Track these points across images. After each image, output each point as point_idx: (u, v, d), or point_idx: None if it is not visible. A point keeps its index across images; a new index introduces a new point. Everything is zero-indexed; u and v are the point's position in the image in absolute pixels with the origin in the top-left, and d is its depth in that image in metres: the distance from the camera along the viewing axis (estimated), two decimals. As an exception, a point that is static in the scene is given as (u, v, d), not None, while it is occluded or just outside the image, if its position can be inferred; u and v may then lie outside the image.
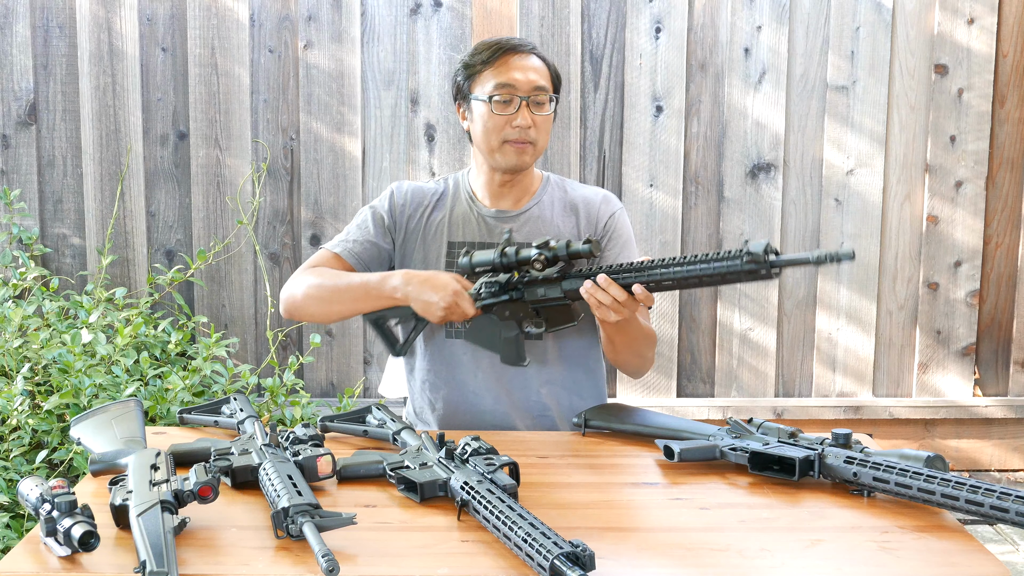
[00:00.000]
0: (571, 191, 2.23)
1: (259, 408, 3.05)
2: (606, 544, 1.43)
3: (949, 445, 3.71)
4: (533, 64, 2.11)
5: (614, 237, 2.18)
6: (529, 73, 2.09)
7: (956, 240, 3.62)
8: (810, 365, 3.66)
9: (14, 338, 2.94)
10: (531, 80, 2.09)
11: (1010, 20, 3.55)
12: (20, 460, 2.72)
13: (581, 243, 1.89)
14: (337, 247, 2.18)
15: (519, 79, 2.08)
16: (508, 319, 2.01)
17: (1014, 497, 1.42)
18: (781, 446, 1.70)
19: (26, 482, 1.47)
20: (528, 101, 2.08)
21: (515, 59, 2.10)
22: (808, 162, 3.57)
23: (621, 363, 2.14)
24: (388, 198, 2.22)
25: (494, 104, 2.08)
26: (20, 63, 3.48)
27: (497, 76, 2.09)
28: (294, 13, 3.48)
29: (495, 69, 2.09)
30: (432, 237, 2.18)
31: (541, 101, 2.10)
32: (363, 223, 2.21)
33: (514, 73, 2.09)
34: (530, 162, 2.13)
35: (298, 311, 2.14)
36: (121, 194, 3.51)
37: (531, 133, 2.09)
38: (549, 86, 2.12)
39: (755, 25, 3.51)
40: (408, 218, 2.20)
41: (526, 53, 2.12)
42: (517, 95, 2.08)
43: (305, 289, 2.12)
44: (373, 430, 1.90)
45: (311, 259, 2.19)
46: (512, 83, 2.08)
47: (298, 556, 1.39)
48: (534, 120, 2.09)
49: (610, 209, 2.21)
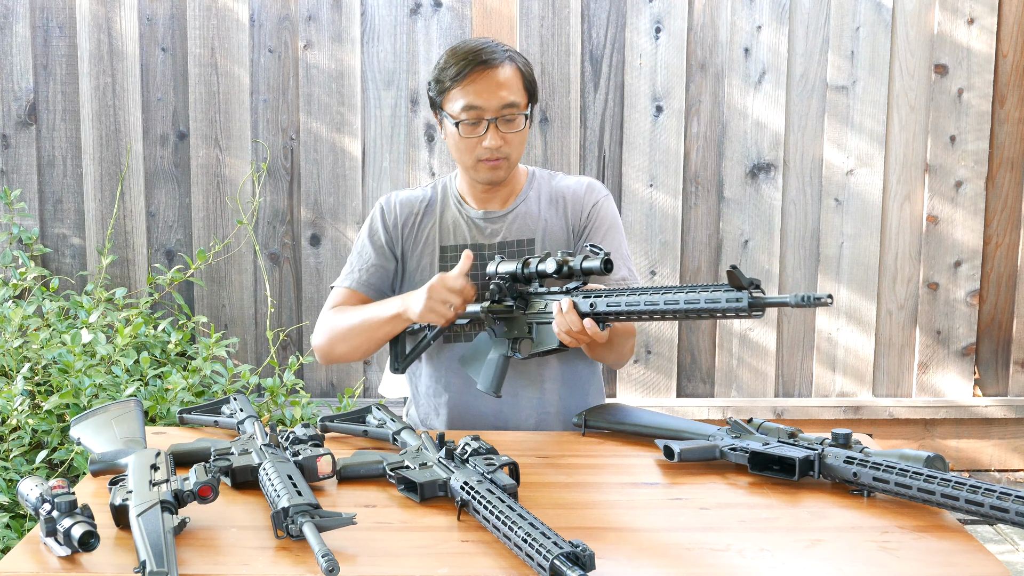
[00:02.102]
0: (556, 183, 2.23)
1: (259, 408, 3.05)
2: (606, 544, 1.43)
3: (949, 445, 3.71)
4: (502, 78, 2.04)
5: (598, 225, 2.18)
6: (498, 92, 2.04)
7: (956, 240, 3.62)
8: (810, 365, 3.66)
9: (14, 338, 2.94)
10: (500, 98, 2.04)
11: (1010, 20, 3.55)
12: (20, 460, 2.72)
13: (599, 261, 1.84)
14: (346, 281, 2.21)
15: (485, 102, 2.03)
16: (504, 335, 2.01)
17: (1014, 497, 1.42)
18: (781, 446, 1.70)
19: (26, 482, 1.47)
20: (496, 122, 2.04)
21: (483, 76, 2.04)
22: (808, 162, 3.57)
23: (597, 357, 2.15)
24: (379, 216, 2.23)
25: (462, 127, 2.06)
26: (20, 63, 3.48)
27: (465, 96, 2.04)
28: (294, 13, 3.48)
29: (463, 88, 2.04)
30: (425, 244, 2.19)
31: (511, 118, 2.06)
32: (362, 250, 2.23)
33: (481, 95, 2.03)
34: (505, 176, 2.12)
35: (330, 356, 2.19)
36: (121, 194, 3.51)
37: (503, 150, 2.07)
38: (521, 99, 2.07)
39: (755, 25, 3.51)
40: (402, 228, 2.21)
41: (496, 66, 2.04)
42: (484, 117, 2.04)
43: (328, 334, 2.16)
44: (373, 430, 1.90)
45: (328, 300, 2.22)
46: (479, 106, 2.04)
47: (298, 556, 1.39)
48: (504, 138, 2.06)
49: (594, 197, 2.20)
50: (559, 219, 2.18)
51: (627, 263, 2.20)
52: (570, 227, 2.18)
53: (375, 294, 2.20)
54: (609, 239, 2.18)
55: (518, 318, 2.00)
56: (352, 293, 2.20)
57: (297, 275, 3.58)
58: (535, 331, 1.98)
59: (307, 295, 3.58)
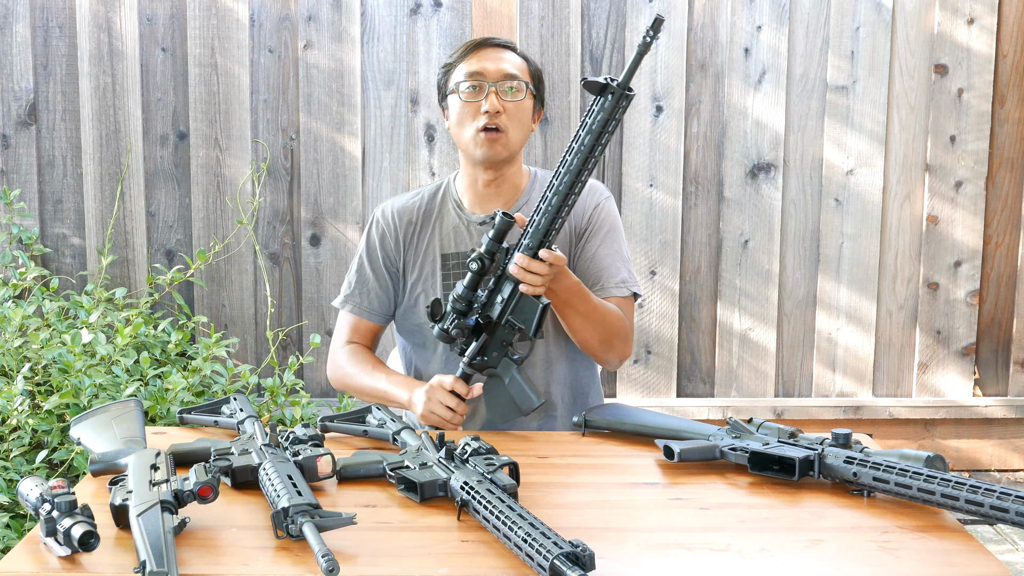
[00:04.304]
0: None
1: (259, 408, 3.05)
2: (606, 544, 1.42)
3: (949, 445, 3.71)
4: (506, 56, 2.14)
5: (598, 227, 2.18)
6: (500, 63, 2.12)
7: (956, 240, 3.62)
8: (810, 365, 3.66)
9: (14, 338, 2.94)
10: (501, 69, 2.11)
11: (1010, 20, 3.55)
12: (20, 460, 2.72)
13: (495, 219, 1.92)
14: (349, 305, 2.25)
15: (488, 68, 2.11)
16: (497, 358, 2.00)
17: (1014, 497, 1.42)
18: (781, 446, 1.70)
19: (26, 482, 1.47)
20: (497, 88, 2.09)
21: (487, 51, 2.14)
22: (808, 162, 3.57)
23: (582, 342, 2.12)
24: (376, 234, 2.24)
25: (462, 92, 2.10)
26: (20, 63, 3.48)
27: (468, 65, 2.12)
28: (294, 13, 3.48)
29: (467, 61, 2.13)
30: (425, 254, 2.19)
31: (512, 88, 2.10)
32: (360, 271, 2.25)
33: (484, 63, 2.11)
34: (503, 153, 2.11)
35: (344, 391, 2.55)
36: (121, 194, 3.51)
37: (501, 120, 2.08)
38: (524, 77, 2.13)
39: (755, 25, 3.51)
40: (401, 241, 2.22)
41: (500, 47, 2.15)
42: (485, 82, 2.10)
43: (341, 381, 2.26)
44: (373, 430, 1.90)
45: (338, 328, 2.29)
46: (481, 71, 2.11)
47: (298, 556, 1.39)
48: (504, 106, 2.09)
49: (595, 200, 2.20)
50: None
51: (627, 265, 2.20)
52: (571, 228, 2.18)
53: (380, 319, 2.26)
54: (609, 241, 2.18)
55: (493, 334, 2.00)
56: (359, 321, 2.25)
57: (297, 275, 3.58)
58: (514, 314, 1.96)
59: (307, 295, 3.58)
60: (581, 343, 2.12)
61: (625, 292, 2.18)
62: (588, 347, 2.13)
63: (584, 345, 2.13)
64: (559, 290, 2.00)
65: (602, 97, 1.84)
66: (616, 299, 2.16)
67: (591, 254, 2.17)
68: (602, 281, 2.16)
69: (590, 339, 2.10)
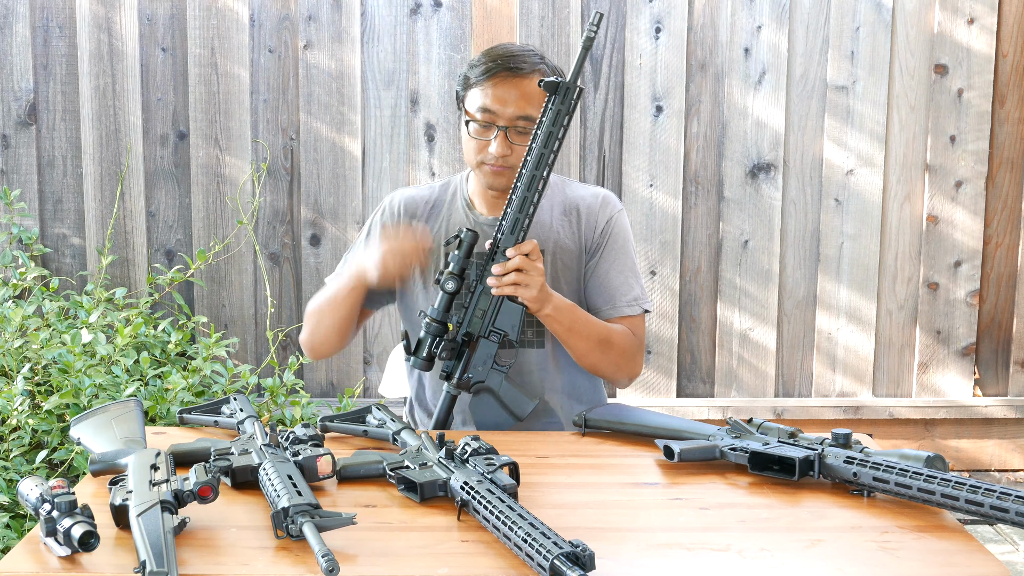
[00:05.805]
0: (570, 192, 2.19)
1: (259, 408, 3.05)
2: (606, 544, 1.42)
3: (949, 445, 3.71)
4: (525, 90, 2.01)
5: (611, 241, 2.16)
6: (516, 102, 2.01)
7: (956, 240, 3.62)
8: (810, 365, 3.67)
9: (14, 338, 2.94)
10: (517, 109, 2.01)
11: (1010, 20, 3.55)
12: (20, 460, 2.72)
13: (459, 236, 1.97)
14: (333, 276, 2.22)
15: (501, 109, 2.01)
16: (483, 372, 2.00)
17: (1014, 497, 1.41)
18: (781, 446, 1.70)
19: (26, 482, 1.47)
20: (507, 132, 2.02)
21: (506, 82, 2.01)
22: (808, 162, 3.57)
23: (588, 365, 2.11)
24: (380, 215, 2.23)
25: (473, 127, 2.05)
26: (20, 63, 3.48)
27: (484, 97, 2.03)
28: (294, 13, 3.48)
29: (483, 89, 2.03)
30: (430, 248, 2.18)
31: (523, 131, 2.02)
32: (358, 248, 2.22)
33: (500, 99, 2.01)
34: (507, 184, 2.06)
35: (313, 345, 2.22)
36: (121, 194, 3.51)
37: (509, 160, 2.03)
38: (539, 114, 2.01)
39: (755, 25, 3.51)
40: None
41: (522, 76, 2.02)
42: (496, 124, 2.02)
43: (306, 323, 2.21)
44: (373, 430, 1.90)
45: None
46: (493, 111, 2.02)
47: (298, 556, 1.39)
48: (513, 149, 2.02)
49: (608, 212, 2.17)
50: (571, 232, 2.15)
51: (638, 280, 2.17)
52: (583, 241, 2.16)
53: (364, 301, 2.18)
54: (622, 257, 2.16)
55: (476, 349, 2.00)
56: None
57: (297, 275, 3.58)
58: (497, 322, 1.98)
59: (307, 295, 3.57)
60: (591, 367, 2.12)
61: (637, 310, 2.15)
62: (597, 370, 2.13)
63: (593, 369, 2.12)
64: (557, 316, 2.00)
65: (555, 95, 1.93)
66: (628, 319, 2.14)
67: (604, 271, 2.14)
68: (614, 300, 2.14)
69: (598, 363, 2.10)
